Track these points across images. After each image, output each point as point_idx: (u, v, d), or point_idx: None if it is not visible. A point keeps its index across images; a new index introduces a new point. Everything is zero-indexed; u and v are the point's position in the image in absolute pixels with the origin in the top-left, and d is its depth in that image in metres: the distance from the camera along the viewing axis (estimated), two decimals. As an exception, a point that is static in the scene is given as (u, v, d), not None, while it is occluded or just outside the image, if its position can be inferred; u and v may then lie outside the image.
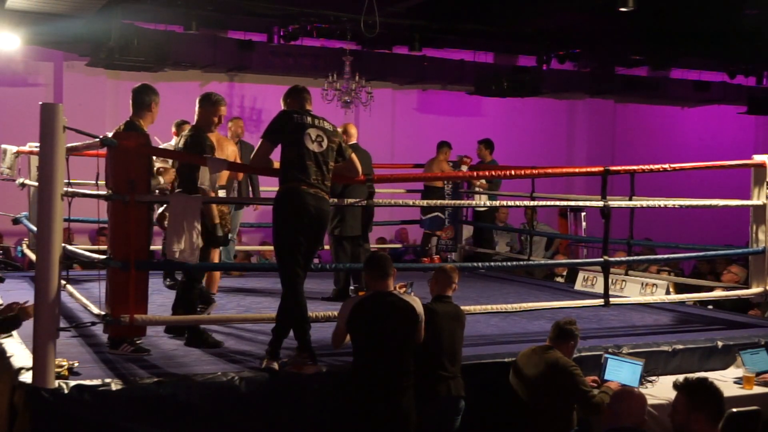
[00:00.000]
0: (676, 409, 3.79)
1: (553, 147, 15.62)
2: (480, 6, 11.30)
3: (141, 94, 5.57)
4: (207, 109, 5.62)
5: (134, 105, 5.57)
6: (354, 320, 4.68)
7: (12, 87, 12.08)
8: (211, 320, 5.94)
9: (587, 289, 8.26)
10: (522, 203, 8.11)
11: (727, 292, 7.44)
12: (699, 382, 3.85)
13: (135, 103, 5.57)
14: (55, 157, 4.54)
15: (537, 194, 9.21)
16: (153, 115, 5.60)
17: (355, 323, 4.67)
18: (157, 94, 5.62)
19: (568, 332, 5.11)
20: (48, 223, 4.52)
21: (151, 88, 5.65)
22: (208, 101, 5.64)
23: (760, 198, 7.02)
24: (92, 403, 4.35)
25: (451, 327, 4.95)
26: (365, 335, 4.65)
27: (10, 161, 8.22)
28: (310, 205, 5.00)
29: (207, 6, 11.00)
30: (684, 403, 3.76)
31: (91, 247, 8.49)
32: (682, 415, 3.75)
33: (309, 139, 5.10)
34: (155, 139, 6.10)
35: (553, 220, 12.01)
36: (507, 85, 13.10)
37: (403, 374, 4.61)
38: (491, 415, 5.23)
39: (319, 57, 12.64)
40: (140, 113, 5.54)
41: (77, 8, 9.47)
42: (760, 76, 15.23)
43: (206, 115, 5.61)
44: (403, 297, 4.74)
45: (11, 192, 8.77)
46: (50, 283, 4.49)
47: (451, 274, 5.16)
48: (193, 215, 5.14)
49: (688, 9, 10.91)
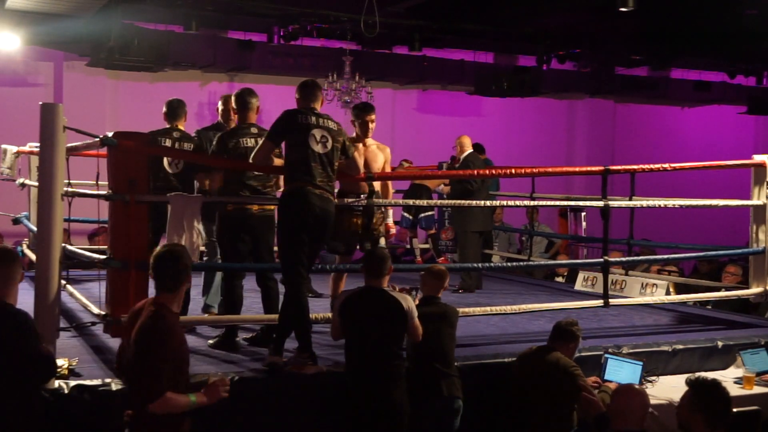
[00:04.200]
0: (682, 404, 3.80)
1: (553, 147, 15.62)
2: (480, 6, 11.30)
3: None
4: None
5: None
6: (344, 312, 4.76)
7: (12, 87, 12.08)
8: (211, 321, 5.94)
9: (587, 289, 8.27)
10: (522, 203, 8.11)
11: (727, 293, 7.44)
12: (708, 383, 3.84)
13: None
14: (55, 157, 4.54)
15: (537, 194, 9.21)
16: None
17: (345, 315, 4.76)
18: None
19: (570, 333, 5.11)
20: (48, 223, 4.53)
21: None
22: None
23: (760, 198, 7.02)
24: (92, 403, 4.35)
25: (436, 327, 4.95)
26: (353, 327, 4.72)
27: (10, 161, 8.21)
28: (315, 205, 5.01)
29: (207, 6, 11.00)
30: (689, 400, 3.76)
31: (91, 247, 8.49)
32: (685, 411, 3.76)
33: (314, 141, 5.10)
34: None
35: (553, 221, 12.00)
36: (507, 85, 13.09)
37: (392, 367, 4.64)
38: (491, 415, 5.23)
39: (319, 57, 12.64)
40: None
41: (77, 8, 9.47)
42: (760, 76, 15.23)
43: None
44: (393, 293, 4.78)
45: (11, 192, 8.77)
46: (50, 283, 4.49)
47: (437, 275, 5.17)
48: (193, 215, 5.14)
49: (688, 9, 10.91)
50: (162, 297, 3.68)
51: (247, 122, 5.76)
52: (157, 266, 3.69)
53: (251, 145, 5.55)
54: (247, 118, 5.77)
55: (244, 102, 5.80)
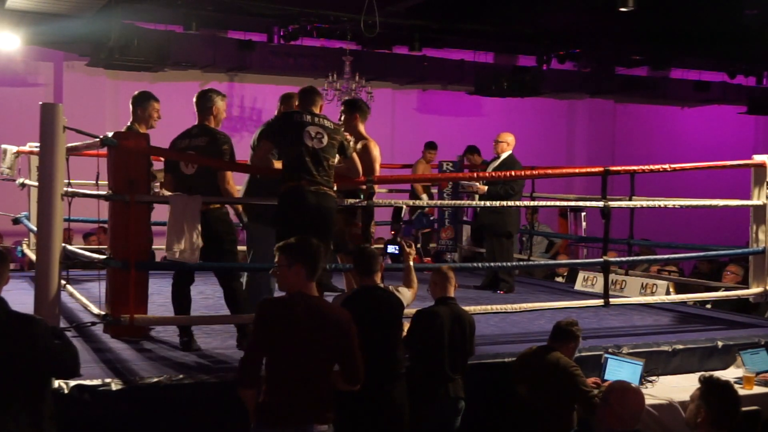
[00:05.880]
0: (691, 399, 3.81)
1: (553, 147, 15.62)
2: (480, 6, 11.30)
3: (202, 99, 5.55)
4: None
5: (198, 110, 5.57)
6: None
7: (12, 87, 12.08)
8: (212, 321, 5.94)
9: (587, 289, 8.27)
10: (522, 203, 8.11)
11: (727, 292, 7.44)
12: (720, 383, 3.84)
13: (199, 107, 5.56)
14: (55, 157, 4.55)
15: (537, 194, 9.21)
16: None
17: None
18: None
19: (569, 333, 5.11)
20: (48, 223, 4.53)
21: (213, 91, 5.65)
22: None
23: (760, 198, 7.02)
24: (92, 403, 4.35)
25: (452, 329, 4.95)
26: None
27: (10, 161, 8.21)
28: (310, 203, 5.01)
29: (207, 6, 11.00)
30: (699, 397, 3.77)
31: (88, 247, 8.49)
32: (693, 408, 3.76)
33: (308, 137, 5.12)
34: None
35: (553, 221, 12.01)
36: (507, 85, 13.10)
37: (395, 367, 4.64)
38: (491, 415, 5.23)
39: (319, 57, 12.64)
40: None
41: (77, 8, 9.47)
42: (760, 76, 15.22)
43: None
44: (390, 290, 4.79)
45: (11, 192, 8.77)
46: (50, 283, 4.49)
47: (447, 274, 5.16)
48: (193, 215, 5.14)
49: (688, 9, 10.91)
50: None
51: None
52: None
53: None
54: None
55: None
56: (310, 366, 3.72)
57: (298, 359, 3.69)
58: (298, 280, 3.77)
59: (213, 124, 5.54)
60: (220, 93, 5.62)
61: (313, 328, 3.71)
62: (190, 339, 5.36)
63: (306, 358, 3.70)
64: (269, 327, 3.71)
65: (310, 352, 3.71)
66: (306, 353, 3.70)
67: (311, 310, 3.75)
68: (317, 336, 3.71)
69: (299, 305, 3.73)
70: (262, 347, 3.73)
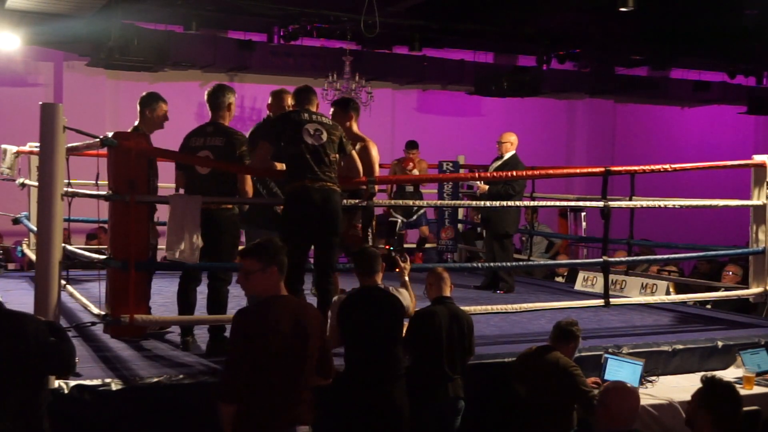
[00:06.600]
0: (692, 400, 3.80)
1: (553, 147, 15.61)
2: (480, 6, 11.30)
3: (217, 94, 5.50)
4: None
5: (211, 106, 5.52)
6: (344, 316, 4.72)
7: (12, 87, 12.08)
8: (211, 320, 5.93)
9: (587, 289, 8.27)
10: (522, 203, 8.11)
11: (727, 292, 7.44)
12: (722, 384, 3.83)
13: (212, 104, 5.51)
14: (55, 157, 4.54)
15: (537, 194, 9.21)
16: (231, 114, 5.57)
17: (345, 319, 4.72)
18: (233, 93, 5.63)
19: (569, 333, 5.11)
20: (48, 223, 4.53)
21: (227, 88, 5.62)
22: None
23: (760, 198, 7.03)
24: (92, 403, 4.35)
25: (450, 329, 4.95)
26: (355, 330, 4.68)
27: (10, 161, 8.21)
28: (316, 202, 5.03)
29: (207, 6, 10.99)
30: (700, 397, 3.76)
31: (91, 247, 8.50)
32: (694, 408, 3.75)
33: (307, 134, 5.14)
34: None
35: (553, 221, 12.01)
36: (507, 85, 13.09)
37: (394, 367, 4.63)
38: (491, 415, 5.23)
39: (319, 57, 12.63)
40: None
41: (77, 8, 9.47)
42: (760, 76, 15.21)
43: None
44: (390, 291, 4.79)
45: (11, 192, 8.77)
46: (50, 283, 4.49)
47: (441, 274, 5.14)
48: (193, 215, 5.14)
49: (688, 9, 10.91)
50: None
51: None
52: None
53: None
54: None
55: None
56: (294, 369, 3.65)
57: (280, 364, 3.60)
58: (274, 283, 3.68)
59: (227, 120, 5.53)
60: (232, 89, 5.61)
61: (296, 332, 3.64)
62: (190, 339, 5.36)
63: (289, 361, 3.62)
64: (250, 339, 3.59)
65: (293, 356, 3.63)
66: (289, 356, 3.62)
67: (292, 312, 3.68)
68: (300, 338, 3.65)
69: (279, 310, 3.65)
70: (244, 360, 3.59)
